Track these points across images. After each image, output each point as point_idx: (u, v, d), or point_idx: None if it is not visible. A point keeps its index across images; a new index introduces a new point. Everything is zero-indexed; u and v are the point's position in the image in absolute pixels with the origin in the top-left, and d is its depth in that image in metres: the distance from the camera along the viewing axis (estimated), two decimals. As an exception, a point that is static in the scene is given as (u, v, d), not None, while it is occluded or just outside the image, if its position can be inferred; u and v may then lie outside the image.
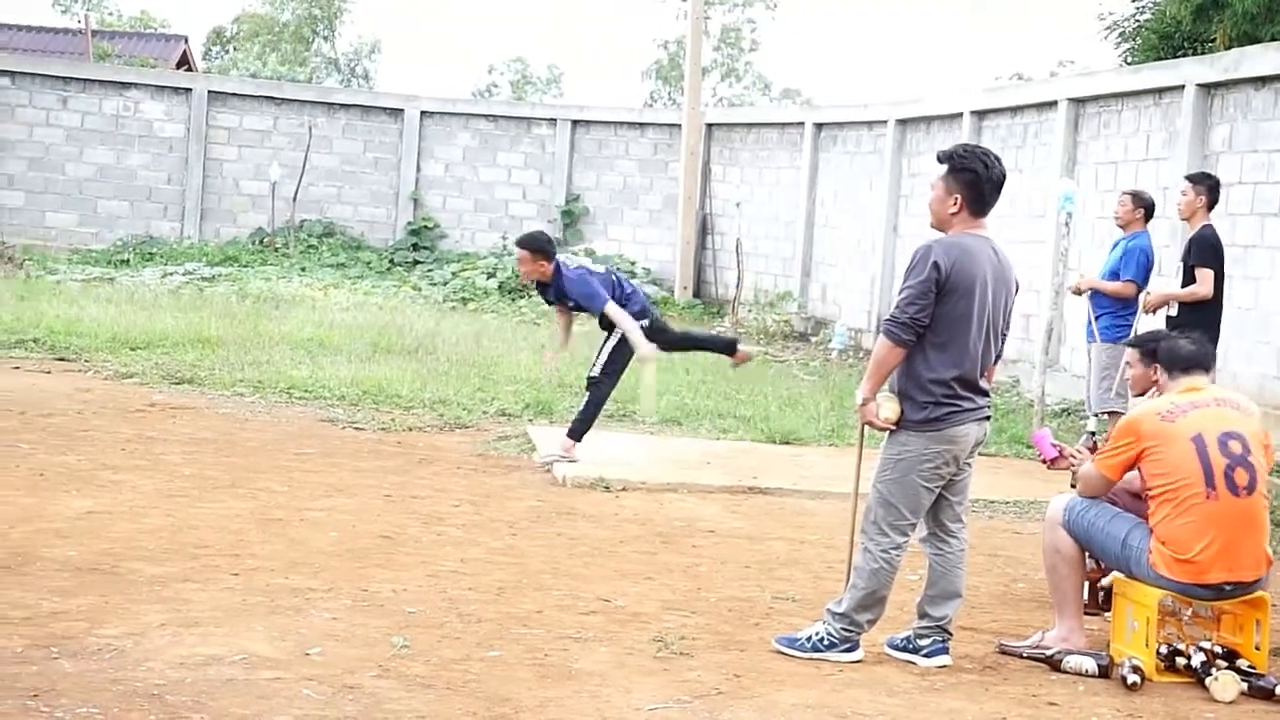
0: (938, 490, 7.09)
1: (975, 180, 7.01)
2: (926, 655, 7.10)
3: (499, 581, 8.09)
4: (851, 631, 7.06)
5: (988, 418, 7.19)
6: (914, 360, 6.93)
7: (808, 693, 6.49)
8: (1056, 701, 6.62)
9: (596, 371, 11.90)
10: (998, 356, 7.21)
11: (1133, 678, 6.78)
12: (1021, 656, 7.23)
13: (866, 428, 7.26)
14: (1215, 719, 6.56)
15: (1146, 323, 11.88)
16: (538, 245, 12.16)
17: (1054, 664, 7.07)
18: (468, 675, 6.39)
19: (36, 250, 26.43)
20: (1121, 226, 12.40)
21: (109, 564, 7.84)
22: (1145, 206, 12.45)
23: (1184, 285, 11.55)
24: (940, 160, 7.16)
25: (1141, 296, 12.10)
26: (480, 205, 29.33)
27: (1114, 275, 12.21)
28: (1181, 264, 11.64)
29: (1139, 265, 12.14)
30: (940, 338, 6.90)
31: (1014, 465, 13.14)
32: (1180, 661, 6.93)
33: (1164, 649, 6.97)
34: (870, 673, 6.89)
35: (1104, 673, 6.97)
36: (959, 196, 7.03)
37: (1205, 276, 11.47)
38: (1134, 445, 7.07)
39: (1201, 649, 6.94)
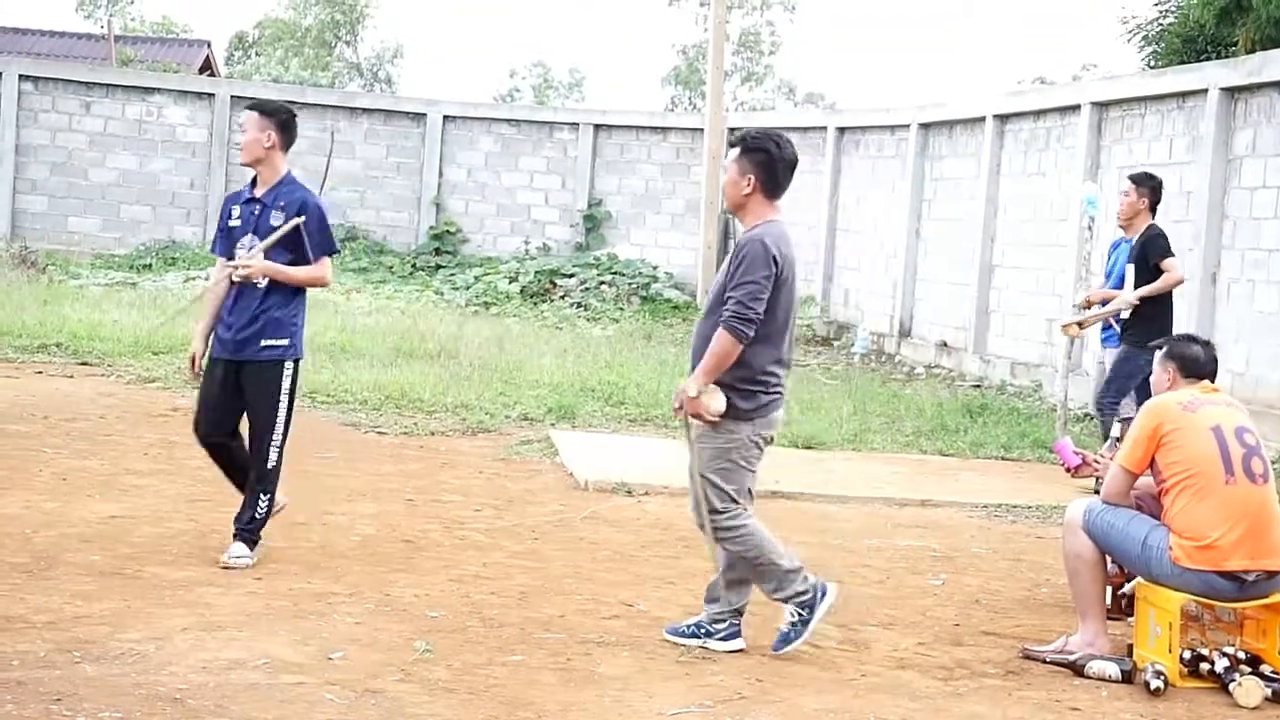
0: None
1: (768, 160, 7.12)
2: (723, 639, 7.18)
3: (521, 586, 8.09)
4: (799, 592, 7.07)
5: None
6: (745, 352, 6.98)
7: (830, 697, 6.48)
8: (1079, 707, 6.60)
9: (279, 440, 8.32)
10: None
11: (1156, 683, 6.76)
12: (1045, 661, 7.22)
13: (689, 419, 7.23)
14: (1239, 725, 6.55)
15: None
16: (282, 117, 8.53)
17: (1077, 669, 7.06)
18: (490, 680, 6.40)
19: (59, 255, 26.47)
20: (1123, 226, 12.53)
21: (132, 568, 7.86)
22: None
23: (1137, 286, 11.70)
24: (732, 145, 7.28)
25: (1082, 295, 12.62)
26: (502, 210, 29.32)
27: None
28: (1132, 265, 11.73)
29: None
30: (768, 328, 7.02)
31: (1036, 470, 13.11)
32: (1204, 667, 6.92)
33: (1187, 654, 6.96)
34: (893, 678, 6.88)
35: (1127, 678, 6.95)
36: (752, 177, 7.14)
37: (1172, 264, 11.73)
38: (1155, 431, 7.10)
39: (1225, 654, 6.93)
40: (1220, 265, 15.56)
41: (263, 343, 8.20)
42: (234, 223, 8.42)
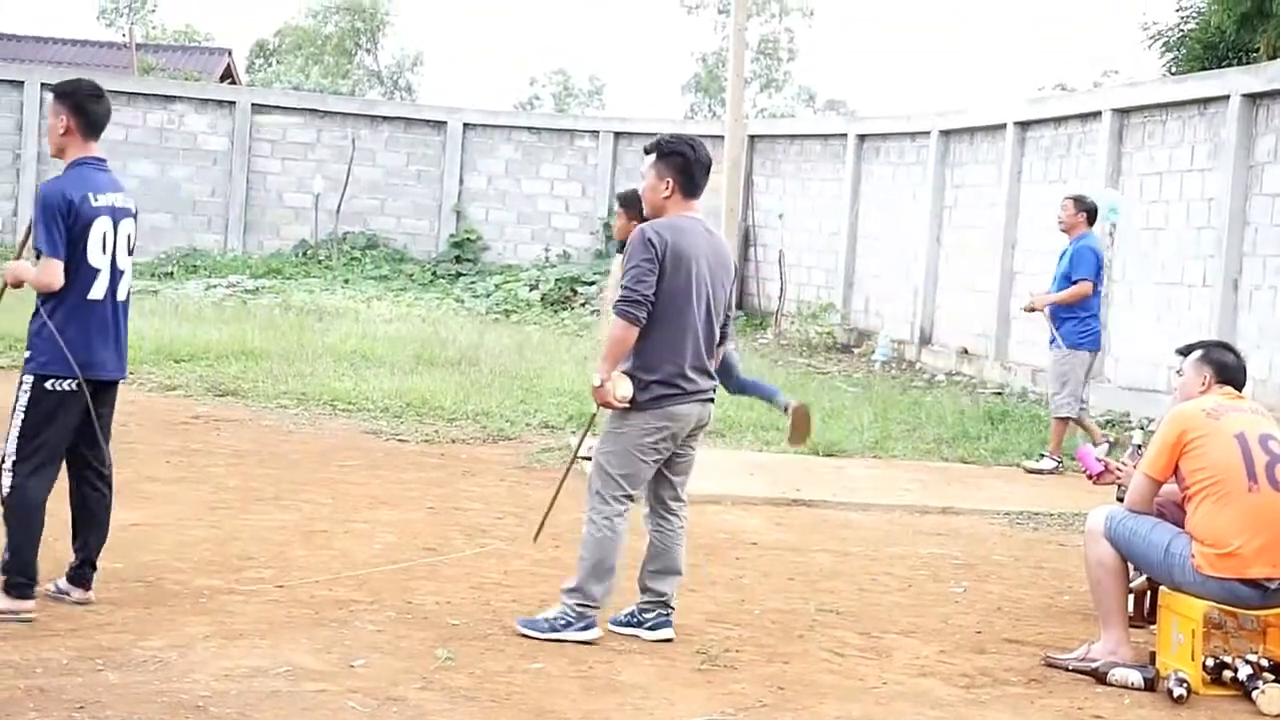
0: (656, 466, 7.26)
1: (685, 163, 7.33)
2: (651, 629, 7.30)
3: (543, 594, 8.08)
4: (587, 606, 7.16)
5: (711, 400, 7.39)
6: (639, 341, 7.07)
7: (851, 705, 6.47)
8: (1102, 714, 6.59)
9: (9, 463, 7.11)
10: (723, 338, 7.44)
11: (1179, 690, 6.74)
12: (1067, 669, 7.20)
13: (599, 409, 7.35)
14: (1263, 733, 6.53)
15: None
16: (76, 99, 7.45)
17: (1099, 677, 7.04)
18: (511, 687, 6.40)
19: (82, 263, 26.50)
20: (1065, 231, 13.19)
21: (153, 576, 7.87)
22: (1087, 210, 13.25)
23: None
24: (648, 151, 7.43)
25: (1030, 297, 13.49)
26: (523, 218, 29.35)
27: (1066, 279, 13.08)
28: None
29: (1089, 264, 12.94)
30: (662, 317, 7.07)
31: (1058, 477, 13.08)
32: (1227, 674, 6.89)
33: (1210, 661, 6.93)
34: (915, 685, 6.86)
35: (1150, 685, 6.94)
36: (670, 180, 7.33)
37: None
38: (1180, 439, 7.08)
39: (1248, 661, 6.90)
40: (1242, 272, 15.53)
41: (26, 353, 7.23)
42: None
